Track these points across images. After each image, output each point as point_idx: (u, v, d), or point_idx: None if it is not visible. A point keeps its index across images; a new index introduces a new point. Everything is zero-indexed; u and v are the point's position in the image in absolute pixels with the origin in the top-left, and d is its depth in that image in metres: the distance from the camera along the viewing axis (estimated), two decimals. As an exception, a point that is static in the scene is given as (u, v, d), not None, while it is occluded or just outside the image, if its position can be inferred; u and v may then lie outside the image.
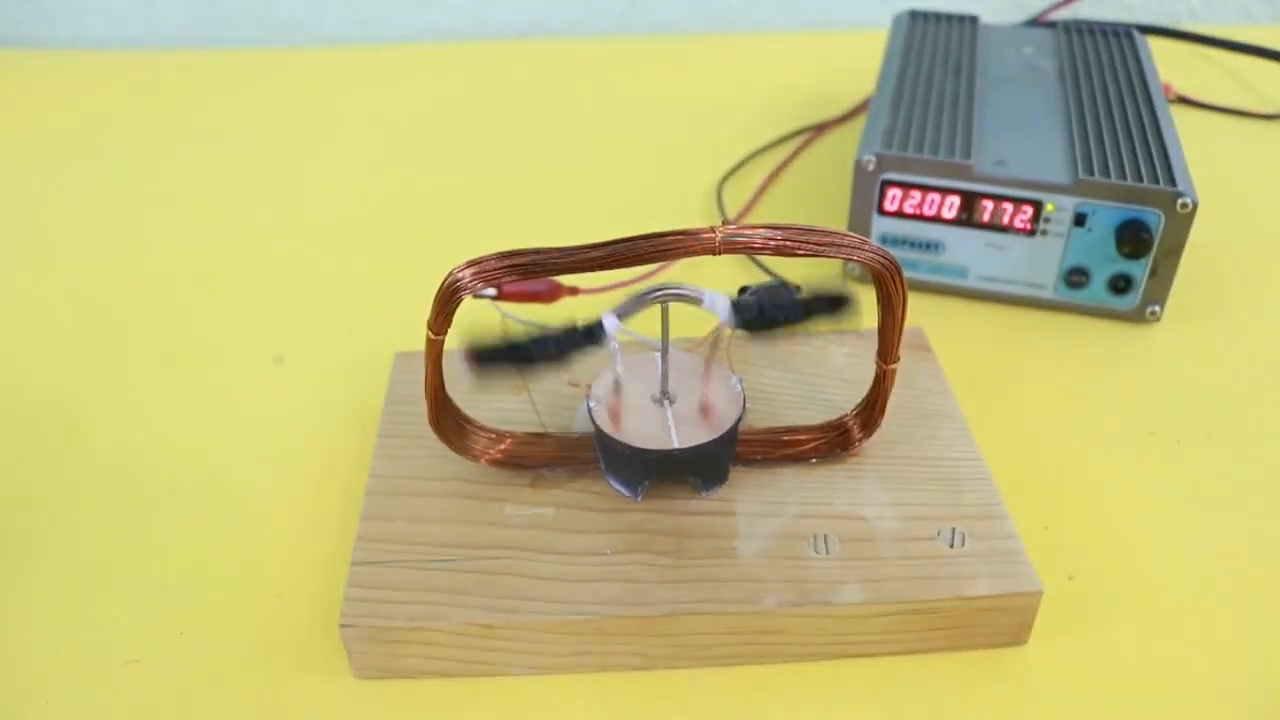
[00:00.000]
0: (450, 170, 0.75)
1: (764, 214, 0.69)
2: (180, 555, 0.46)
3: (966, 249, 0.58)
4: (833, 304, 0.40)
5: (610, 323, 0.39)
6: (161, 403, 0.54)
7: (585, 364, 0.50)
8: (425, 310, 0.39)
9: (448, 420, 0.44)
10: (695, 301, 0.40)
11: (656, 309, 0.42)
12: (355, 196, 0.72)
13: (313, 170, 0.75)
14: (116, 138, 0.80)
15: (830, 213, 0.67)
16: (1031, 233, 0.57)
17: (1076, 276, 0.57)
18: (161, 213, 0.71)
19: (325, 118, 0.82)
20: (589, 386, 0.45)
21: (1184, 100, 0.79)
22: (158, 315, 0.61)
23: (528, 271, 0.37)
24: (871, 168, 0.57)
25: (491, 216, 0.69)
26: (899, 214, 0.58)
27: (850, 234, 0.38)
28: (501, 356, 0.39)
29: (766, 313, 0.40)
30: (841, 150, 0.75)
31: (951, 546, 0.41)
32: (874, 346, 0.43)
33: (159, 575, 0.45)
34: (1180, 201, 0.54)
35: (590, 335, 0.40)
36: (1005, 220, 0.57)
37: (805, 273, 0.61)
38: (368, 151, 0.78)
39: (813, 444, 0.45)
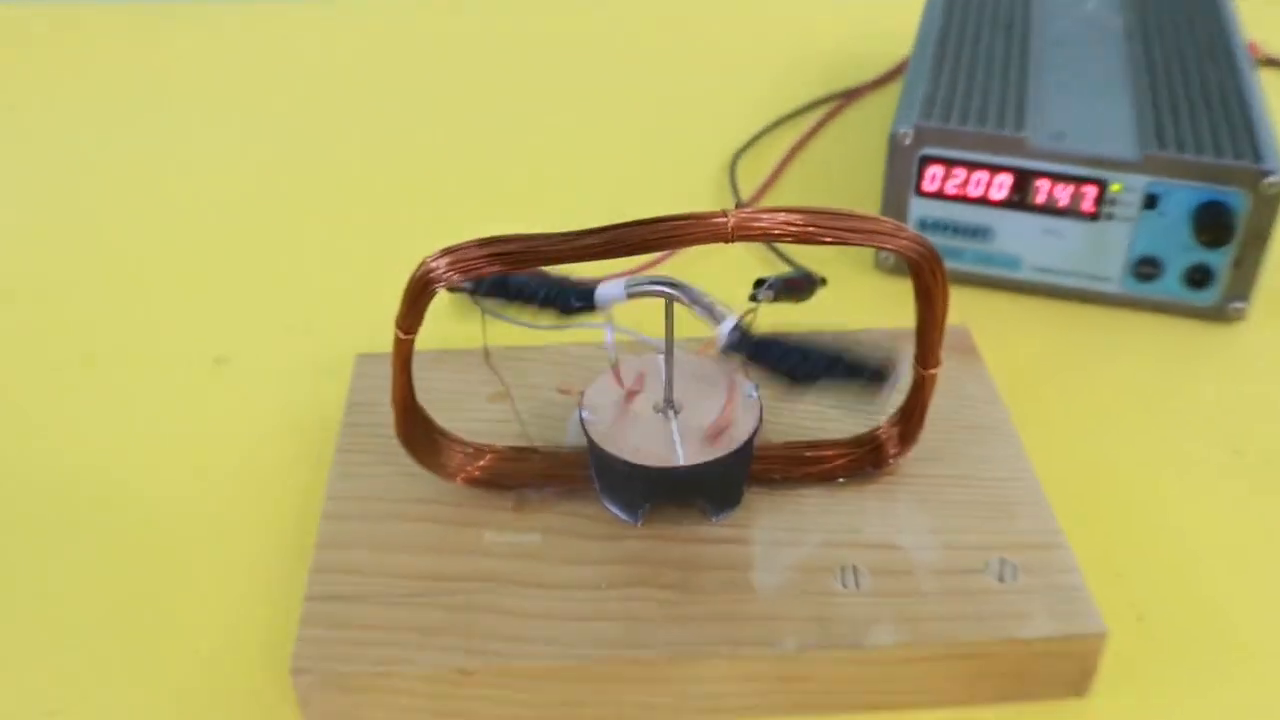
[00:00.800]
0: (423, 143, 0.75)
1: (784, 195, 0.69)
2: (104, 590, 0.46)
3: (1019, 235, 0.59)
4: (868, 377, 0.40)
5: (606, 292, 0.40)
6: (81, 412, 0.55)
7: (579, 367, 0.50)
8: (392, 305, 0.39)
9: (418, 432, 0.44)
10: (702, 315, 0.40)
11: (660, 305, 0.42)
12: (313, 172, 0.72)
13: (264, 141, 0.75)
14: (26, 103, 0.80)
15: (860, 194, 0.67)
16: (1094, 216, 0.57)
17: (1147, 267, 0.58)
18: (81, 189, 0.71)
19: (277, 79, 0.83)
20: (582, 393, 0.45)
21: (1273, 62, 0.79)
22: (75, 308, 0.61)
23: (513, 261, 0.37)
24: (909, 142, 0.57)
25: (471, 197, 0.70)
26: (940, 195, 0.59)
27: (883, 219, 0.38)
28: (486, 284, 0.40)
29: (780, 362, 0.40)
30: (874, 121, 0.75)
31: (1001, 581, 0.42)
32: (911, 348, 0.43)
33: (80, 614, 0.45)
34: (1268, 180, 0.54)
35: (582, 297, 0.40)
36: (1064, 202, 0.57)
37: (832, 263, 0.61)
38: (328, 119, 0.78)
39: (840, 461, 0.46)
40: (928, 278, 0.40)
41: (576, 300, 0.40)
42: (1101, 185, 0.56)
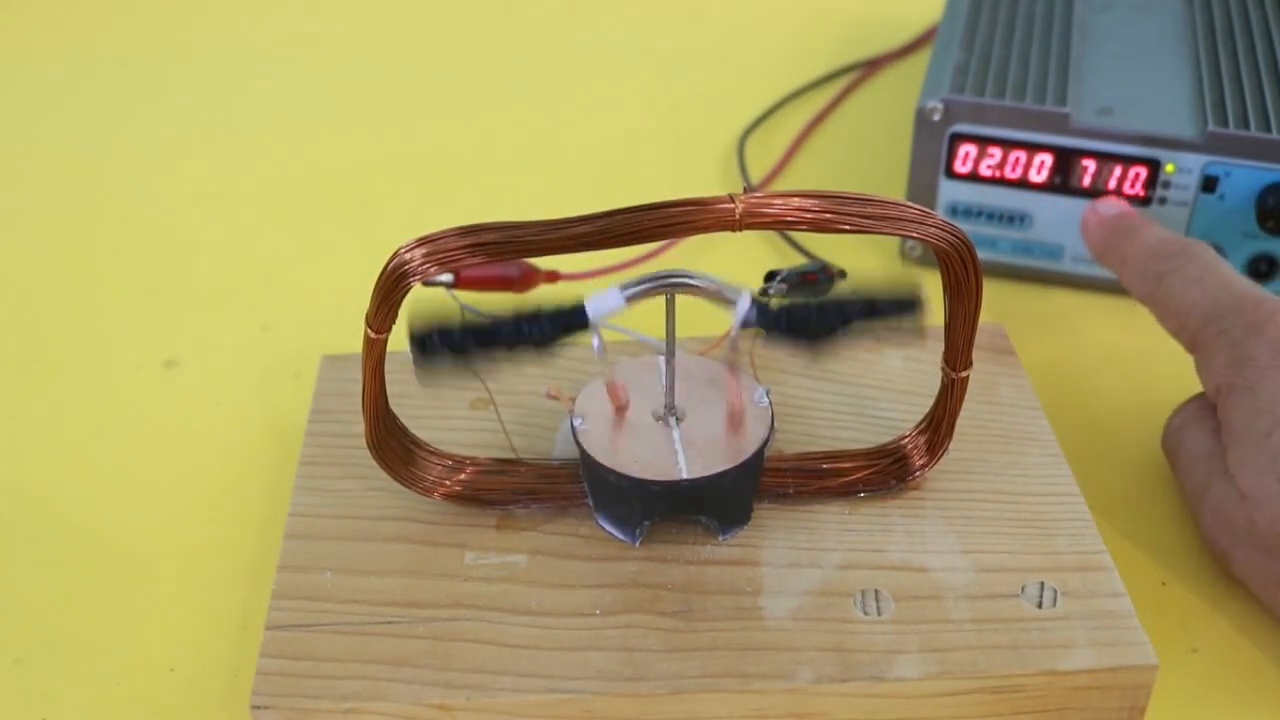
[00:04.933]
0: (397, 122, 0.75)
1: (798, 178, 0.69)
2: (41, 618, 0.46)
3: (1061, 223, 0.59)
4: (898, 308, 0.40)
5: (597, 306, 0.40)
6: (16, 420, 0.55)
7: (570, 369, 0.51)
8: (362, 301, 0.39)
9: (391, 442, 0.44)
10: (712, 297, 0.40)
11: (661, 301, 0.42)
12: (273, 154, 0.72)
13: (217, 119, 0.76)
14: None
15: (883, 176, 0.67)
16: (1146, 201, 0.58)
17: (1204, 258, 0.58)
18: (13, 173, 0.71)
19: (230, 48, 0.83)
20: (573, 400, 0.45)
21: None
22: (10, 307, 0.61)
23: (496, 252, 0.37)
24: (938, 117, 0.58)
25: (450, 182, 0.70)
26: (973, 177, 0.59)
27: (909, 204, 0.38)
28: (456, 340, 0.40)
29: (803, 319, 0.40)
30: (899, 95, 0.76)
31: (1040, 606, 0.42)
32: (940, 348, 0.44)
33: (13, 643, 0.45)
34: (1338, 161, 0.54)
35: (570, 320, 0.40)
36: (1111, 185, 0.58)
37: (853, 254, 0.61)
38: (290, 95, 0.78)
39: (860, 473, 0.46)
40: (958, 270, 0.40)
41: (562, 325, 0.40)
42: (1154, 166, 0.57)
